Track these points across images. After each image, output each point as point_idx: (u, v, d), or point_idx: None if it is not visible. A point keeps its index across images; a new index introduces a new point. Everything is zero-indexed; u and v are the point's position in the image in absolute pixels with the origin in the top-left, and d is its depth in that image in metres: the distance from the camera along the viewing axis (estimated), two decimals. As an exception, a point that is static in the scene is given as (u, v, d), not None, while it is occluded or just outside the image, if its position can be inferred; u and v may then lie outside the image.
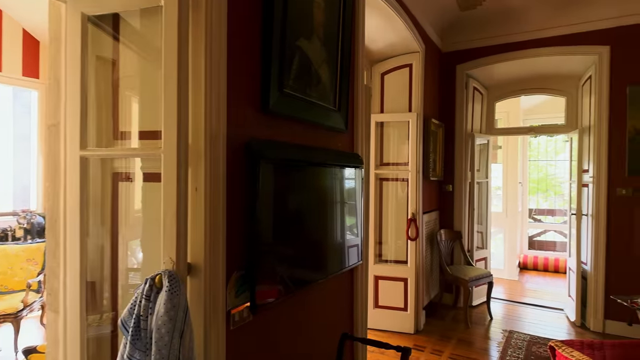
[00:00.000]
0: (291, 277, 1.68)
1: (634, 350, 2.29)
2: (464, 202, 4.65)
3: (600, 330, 3.84)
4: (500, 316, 4.32)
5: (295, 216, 1.70)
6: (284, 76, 1.66)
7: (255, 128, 1.56)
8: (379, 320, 3.77)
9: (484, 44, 4.43)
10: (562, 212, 7.96)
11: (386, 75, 3.82)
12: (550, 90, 4.76)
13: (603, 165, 3.87)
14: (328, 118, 2.08)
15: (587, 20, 3.90)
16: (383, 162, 3.89)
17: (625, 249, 3.78)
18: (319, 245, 1.90)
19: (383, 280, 3.76)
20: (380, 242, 3.90)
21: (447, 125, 4.67)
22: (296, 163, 1.68)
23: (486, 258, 5.03)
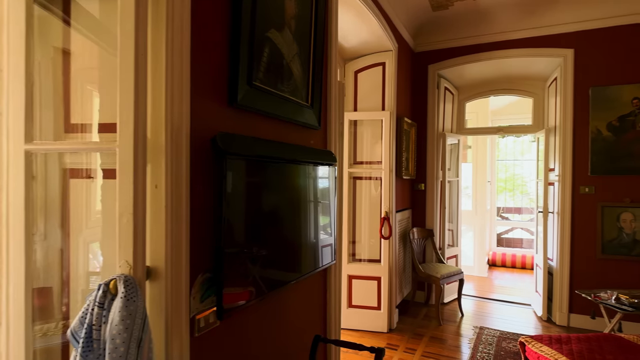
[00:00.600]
0: (261, 279, 1.60)
1: (597, 342, 2.35)
2: (436, 200, 4.70)
3: (565, 324, 3.97)
4: (471, 312, 4.39)
5: (265, 215, 1.63)
6: (253, 69, 1.58)
7: (222, 123, 1.48)
8: (353, 319, 3.74)
9: (455, 44, 4.48)
10: (528, 210, 8.23)
11: (360, 74, 3.79)
12: (518, 91, 4.89)
13: (568, 164, 4.00)
14: (300, 114, 2.01)
15: (553, 23, 4.01)
16: (357, 161, 3.86)
17: (588, 245, 3.91)
18: (291, 245, 1.83)
19: (357, 280, 3.73)
20: (354, 241, 3.87)
21: (419, 124, 4.70)
22: (266, 159, 1.61)
23: (457, 255, 5.11)
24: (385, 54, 3.73)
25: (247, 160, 1.49)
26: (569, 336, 2.43)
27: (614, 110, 3.80)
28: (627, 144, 3.75)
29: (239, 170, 1.45)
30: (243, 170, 1.48)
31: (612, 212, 3.83)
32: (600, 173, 3.86)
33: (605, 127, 3.84)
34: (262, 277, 1.61)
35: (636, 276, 3.72)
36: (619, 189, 3.80)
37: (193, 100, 1.34)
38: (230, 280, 1.43)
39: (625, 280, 3.75)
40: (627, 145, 3.75)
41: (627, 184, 3.77)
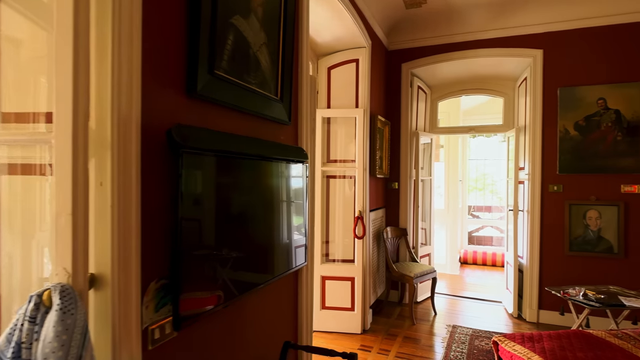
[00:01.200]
0: (225, 284, 1.48)
1: (567, 340, 2.36)
2: (409, 199, 4.69)
3: (535, 321, 4.03)
4: (444, 311, 4.39)
5: (229, 215, 1.51)
6: (215, 56, 1.46)
7: (179, 114, 1.35)
8: (326, 321, 3.65)
9: (428, 43, 4.48)
10: (497, 208, 8.41)
11: (333, 70, 3.71)
12: (489, 91, 4.94)
13: (537, 163, 4.06)
14: (269, 108, 1.90)
15: (523, 24, 4.07)
16: (330, 159, 3.78)
17: (557, 242, 3.99)
18: (258, 247, 1.72)
19: (330, 281, 3.65)
20: (328, 241, 3.79)
21: (393, 123, 4.68)
22: (230, 155, 1.49)
23: (430, 254, 5.12)
24: (358, 51, 3.67)
25: (208, 156, 1.37)
26: (540, 334, 2.44)
27: (581, 110, 3.89)
28: (592, 143, 3.85)
29: (198, 167, 1.33)
30: (203, 166, 1.36)
31: (579, 209, 3.92)
32: (568, 172, 3.94)
33: (573, 126, 3.92)
34: (226, 282, 1.49)
35: (601, 272, 3.82)
36: (585, 187, 3.89)
37: (145, 88, 1.21)
38: (189, 286, 1.30)
39: (591, 276, 3.85)
40: (593, 144, 3.84)
41: (592, 182, 3.86)
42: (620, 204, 3.75)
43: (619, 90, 3.76)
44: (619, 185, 3.77)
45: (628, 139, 3.73)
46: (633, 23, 3.71)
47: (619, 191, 3.77)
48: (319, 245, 3.66)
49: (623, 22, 3.74)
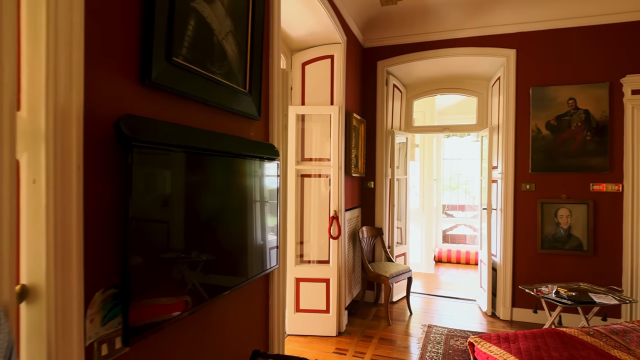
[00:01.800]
0: (183, 291, 1.36)
1: (542, 339, 2.35)
2: (385, 198, 4.64)
3: (509, 319, 4.06)
4: (419, 310, 4.37)
5: (189, 215, 1.38)
6: (173, 42, 1.33)
7: (132, 105, 1.22)
8: (301, 324, 3.55)
9: (403, 41, 4.45)
10: (471, 207, 8.53)
11: (307, 66, 3.61)
12: (463, 90, 4.96)
13: (510, 162, 4.09)
14: (236, 101, 1.78)
15: (497, 24, 4.09)
16: (305, 158, 3.67)
17: (529, 241, 4.03)
18: (223, 250, 1.59)
19: (305, 283, 3.55)
20: (302, 241, 3.68)
21: (369, 121, 4.62)
22: (190, 150, 1.36)
23: (405, 253, 5.10)
24: (333, 47, 3.58)
25: (164, 151, 1.24)
26: (516, 334, 2.42)
27: (553, 109, 3.94)
28: (563, 142, 3.90)
29: (152, 163, 1.20)
30: (158, 162, 1.22)
31: (551, 208, 3.97)
32: (540, 170, 3.99)
33: (545, 126, 3.97)
34: (186, 288, 1.37)
35: (571, 269, 3.88)
36: (556, 186, 3.95)
37: (89, 73, 1.07)
38: (141, 295, 1.17)
39: (562, 273, 3.90)
40: (564, 143, 3.90)
41: (563, 181, 3.92)
42: (590, 203, 3.82)
43: (588, 90, 3.83)
44: (589, 184, 3.84)
45: (597, 139, 3.80)
46: (601, 25, 3.78)
47: (589, 190, 3.84)
48: (292, 246, 3.55)
49: (592, 24, 3.81)
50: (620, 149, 3.75)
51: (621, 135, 3.75)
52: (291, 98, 3.61)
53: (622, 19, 3.72)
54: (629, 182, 3.70)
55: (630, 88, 3.70)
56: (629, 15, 3.68)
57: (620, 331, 2.51)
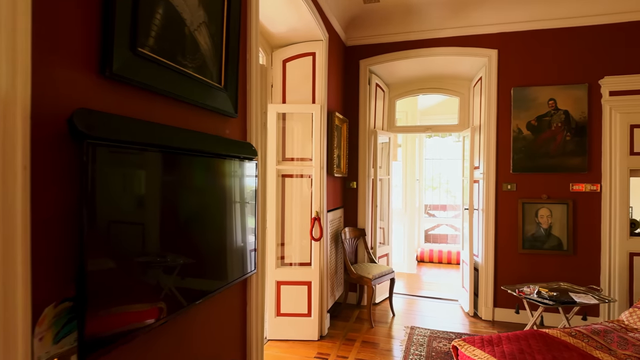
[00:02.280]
0: (150, 300, 1.25)
1: (526, 341, 2.33)
2: (368, 199, 4.59)
3: (491, 319, 4.06)
4: (402, 311, 4.33)
5: (153, 218, 1.27)
6: (138, 30, 1.22)
7: (89, 98, 1.10)
8: (281, 329, 3.45)
9: (386, 40, 4.40)
10: (452, 207, 8.59)
11: (288, 63, 3.51)
12: (445, 90, 4.95)
13: (492, 162, 4.09)
14: (210, 97, 1.67)
15: (479, 24, 4.08)
16: (286, 158, 3.58)
17: (511, 241, 4.04)
18: (193, 255, 1.49)
19: (286, 286, 3.45)
20: (283, 243, 3.58)
21: (351, 120, 4.56)
22: (156, 148, 1.25)
23: (388, 254, 5.06)
24: (315, 44, 3.49)
25: (124, 148, 1.13)
26: (499, 336, 2.38)
27: (533, 110, 3.96)
28: (544, 142, 3.92)
29: (111, 162, 1.08)
30: (118, 161, 1.11)
31: (532, 208, 3.99)
32: (521, 171, 4.00)
33: (525, 126, 3.98)
34: (154, 297, 1.26)
35: (552, 268, 3.91)
36: (537, 186, 3.97)
37: (38, 62, 0.95)
38: (99, 306, 1.05)
39: (543, 273, 3.92)
40: (544, 144, 3.92)
41: (544, 181, 3.94)
42: (570, 202, 3.86)
43: (567, 91, 3.86)
44: (569, 183, 3.87)
45: (576, 139, 3.84)
46: (581, 27, 3.82)
47: (568, 190, 3.87)
48: (273, 248, 3.45)
49: (572, 26, 3.84)
50: (598, 149, 3.80)
51: (599, 135, 3.79)
52: (272, 96, 3.51)
53: (600, 21, 3.76)
54: (607, 182, 3.74)
55: (607, 89, 3.74)
56: (607, 18, 3.73)
57: (602, 331, 2.51)
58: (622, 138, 3.70)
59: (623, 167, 3.69)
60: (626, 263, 3.68)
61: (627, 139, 3.69)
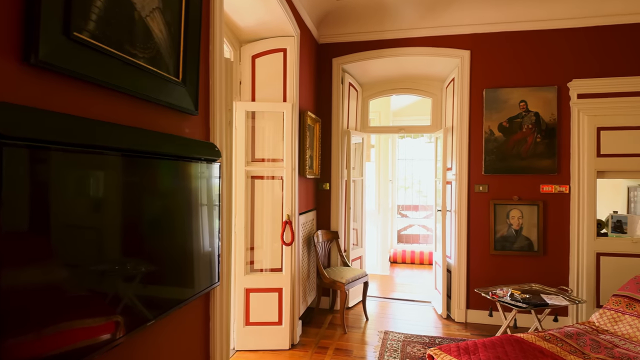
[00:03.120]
0: (81, 329, 1.07)
1: (502, 348, 2.27)
2: (341, 201, 4.48)
3: (464, 321, 4.04)
4: (375, 315, 4.25)
5: (93, 229, 1.10)
6: (73, 12, 1.04)
7: (9, 90, 0.92)
8: (251, 339, 3.28)
9: (359, 38, 4.31)
10: (424, 207, 8.65)
11: (258, 59, 3.35)
12: (418, 91, 4.92)
13: (464, 163, 4.08)
14: (166, 92, 1.50)
15: (452, 24, 4.05)
16: (255, 158, 3.41)
17: (483, 242, 4.03)
18: (140, 270, 1.32)
19: (255, 293, 3.29)
20: (253, 247, 3.41)
21: (324, 120, 4.44)
22: (94, 149, 1.08)
23: (362, 256, 4.98)
24: (286, 39, 3.35)
25: (53, 150, 0.95)
26: (475, 343, 2.32)
27: (505, 111, 3.97)
28: (515, 144, 3.94)
29: (35, 165, 0.91)
30: (44, 164, 0.93)
31: (503, 209, 4.00)
32: (493, 172, 4.00)
33: (497, 127, 3.99)
34: (81, 325, 1.08)
35: (523, 269, 3.93)
36: (508, 187, 3.98)
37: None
38: (14, 339, 0.88)
39: (514, 274, 3.94)
40: (515, 145, 3.94)
41: (515, 182, 3.96)
42: (540, 204, 3.89)
43: (538, 93, 3.89)
44: (539, 185, 3.90)
45: (546, 141, 3.87)
46: (551, 30, 3.85)
47: (539, 191, 3.90)
48: (242, 254, 3.27)
49: (542, 29, 3.87)
50: (567, 151, 3.85)
51: (568, 137, 3.84)
52: (240, 93, 3.33)
53: (569, 25, 3.81)
54: (575, 183, 3.80)
55: (576, 92, 3.79)
56: (576, 22, 3.78)
57: (574, 334, 2.50)
58: (589, 140, 3.76)
59: (591, 168, 3.75)
60: (593, 263, 3.74)
61: (594, 141, 3.75)
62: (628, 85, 3.68)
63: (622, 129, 3.71)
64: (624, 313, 2.66)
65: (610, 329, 2.62)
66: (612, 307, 2.75)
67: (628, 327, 2.55)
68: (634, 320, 2.58)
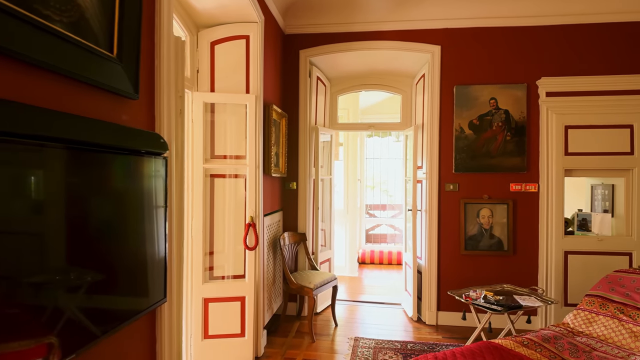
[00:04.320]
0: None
1: (482, 357, 2.14)
2: (309, 201, 4.26)
3: (435, 323, 3.93)
4: (344, 320, 4.06)
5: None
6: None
7: None
8: (210, 353, 2.98)
9: (328, 30, 4.10)
10: (391, 206, 8.59)
11: (217, 46, 3.05)
12: (388, 87, 4.78)
13: (435, 162, 3.97)
14: (94, 68, 1.22)
15: (423, 18, 3.93)
16: (215, 155, 3.11)
17: (454, 242, 3.94)
18: (61, 289, 1.03)
19: (215, 303, 2.99)
20: (212, 252, 3.11)
21: (291, 115, 4.19)
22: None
23: (330, 259, 4.77)
24: (249, 26, 3.08)
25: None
26: (453, 352, 2.17)
27: (475, 109, 3.89)
28: (485, 142, 3.87)
29: None
30: None
31: (473, 208, 3.93)
32: (463, 171, 3.92)
33: (468, 125, 3.91)
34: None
35: (494, 269, 3.87)
36: (479, 186, 3.91)
37: None
38: None
39: (485, 274, 3.87)
40: (485, 143, 3.87)
41: (485, 181, 3.89)
42: (510, 202, 3.84)
43: (508, 91, 3.84)
44: (509, 183, 3.85)
45: (516, 139, 3.83)
46: (521, 27, 3.81)
47: (509, 190, 3.85)
48: (200, 260, 2.97)
49: (513, 25, 3.82)
50: (536, 149, 3.82)
51: (537, 136, 3.82)
52: (197, 83, 3.03)
53: (539, 22, 3.78)
54: (544, 182, 3.77)
55: (545, 90, 3.77)
56: (545, 19, 3.76)
57: (552, 338, 2.41)
58: (557, 138, 3.74)
59: (559, 167, 3.74)
60: (562, 261, 3.73)
61: (562, 140, 3.74)
62: (594, 85, 3.69)
63: (589, 127, 3.73)
64: (598, 313, 2.60)
65: (585, 330, 2.55)
66: (585, 307, 2.69)
67: (603, 328, 2.49)
68: (608, 320, 2.52)
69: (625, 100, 3.66)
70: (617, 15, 3.66)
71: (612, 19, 3.68)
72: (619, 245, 3.71)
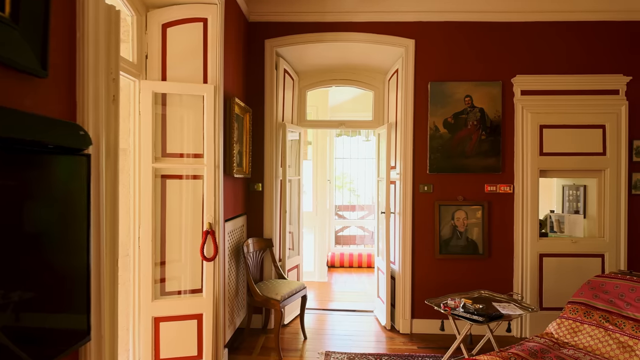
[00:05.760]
0: None
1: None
2: (275, 203, 3.94)
3: (409, 332, 3.73)
4: (314, 332, 3.78)
5: None
6: None
7: None
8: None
9: (296, 19, 3.80)
10: (360, 207, 8.41)
11: (170, 29, 2.68)
12: (359, 82, 4.55)
13: (409, 162, 3.77)
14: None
15: (396, 10, 3.72)
16: (167, 153, 2.73)
17: (428, 246, 3.76)
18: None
19: (167, 323, 2.62)
20: (164, 262, 2.73)
21: (255, 110, 3.86)
22: None
23: (299, 265, 4.48)
24: (207, 7, 2.72)
25: None
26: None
27: (450, 107, 3.72)
28: (460, 141, 3.71)
29: None
30: None
31: (448, 210, 3.76)
32: (438, 171, 3.74)
33: (442, 124, 3.73)
34: None
35: (469, 273, 3.72)
36: (453, 187, 3.75)
37: None
38: None
39: (461, 279, 3.71)
40: (460, 142, 3.71)
41: (460, 182, 3.74)
42: (485, 204, 3.70)
43: (483, 88, 3.70)
44: (484, 184, 3.72)
45: (491, 139, 3.69)
46: (496, 22, 3.68)
47: (484, 191, 3.72)
48: (149, 274, 2.59)
49: (488, 21, 3.69)
50: (511, 149, 3.70)
51: (512, 135, 3.70)
52: (146, 70, 2.64)
53: (514, 19, 3.66)
54: (519, 183, 3.67)
55: (520, 88, 3.67)
56: (522, 15, 3.65)
57: (538, 351, 2.24)
58: (532, 138, 3.64)
59: (534, 167, 3.64)
60: (537, 264, 3.64)
61: (537, 139, 3.65)
62: (568, 84, 3.62)
63: (563, 127, 3.65)
64: (583, 322, 2.47)
65: (570, 341, 2.41)
66: (569, 315, 2.55)
67: (589, 338, 2.36)
68: (594, 330, 2.39)
69: (598, 100, 3.61)
70: (592, 14, 3.61)
71: (586, 18, 3.63)
72: (592, 247, 3.66)
